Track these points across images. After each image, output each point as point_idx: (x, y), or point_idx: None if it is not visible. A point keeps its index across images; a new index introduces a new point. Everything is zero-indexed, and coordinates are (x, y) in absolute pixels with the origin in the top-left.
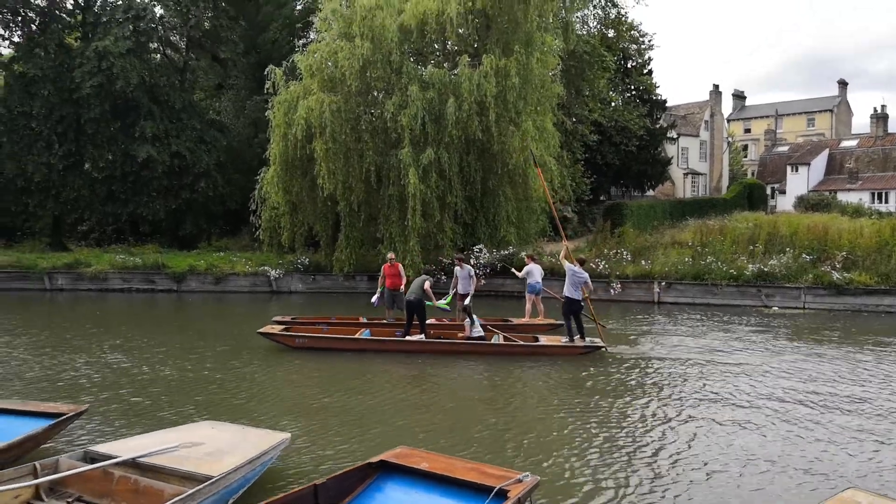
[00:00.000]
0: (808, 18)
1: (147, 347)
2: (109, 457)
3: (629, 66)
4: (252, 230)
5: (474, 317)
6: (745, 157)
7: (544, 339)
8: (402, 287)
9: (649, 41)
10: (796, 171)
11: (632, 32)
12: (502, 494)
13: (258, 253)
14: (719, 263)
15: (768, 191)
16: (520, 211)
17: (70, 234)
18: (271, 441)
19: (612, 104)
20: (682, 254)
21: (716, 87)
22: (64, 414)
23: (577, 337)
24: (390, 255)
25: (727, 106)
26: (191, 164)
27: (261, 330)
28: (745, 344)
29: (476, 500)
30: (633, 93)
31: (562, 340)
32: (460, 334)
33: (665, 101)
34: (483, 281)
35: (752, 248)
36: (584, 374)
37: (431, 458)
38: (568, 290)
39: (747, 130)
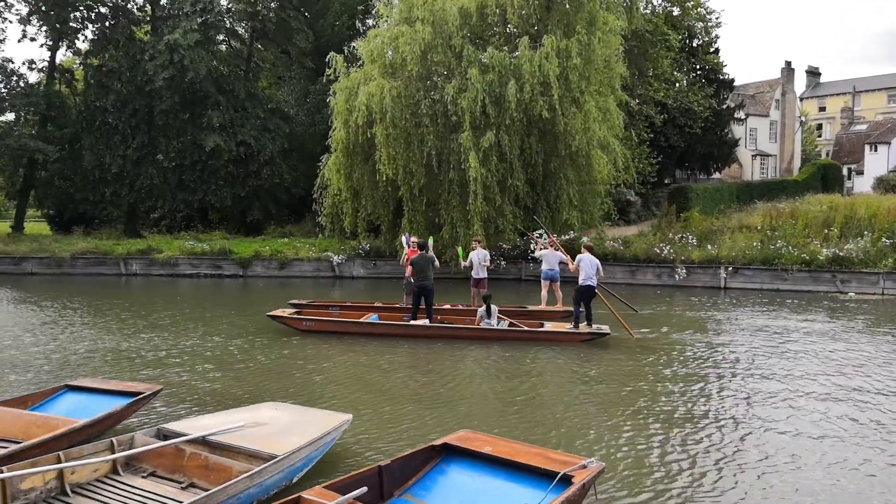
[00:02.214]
0: None
1: (219, 330)
2: (181, 434)
3: (695, 44)
4: (315, 216)
5: (494, 308)
6: (819, 136)
7: (549, 326)
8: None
9: (717, 18)
10: (875, 150)
11: (698, 10)
12: (566, 480)
13: (321, 239)
14: (790, 248)
15: (844, 172)
16: (583, 194)
17: (143, 222)
18: (334, 422)
19: (677, 84)
20: (751, 238)
21: (788, 63)
22: (141, 393)
23: (583, 324)
24: (413, 238)
25: (800, 83)
26: (256, 151)
27: (270, 313)
28: (818, 331)
29: (540, 485)
30: (699, 72)
31: (566, 327)
32: (467, 319)
33: (732, 80)
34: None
35: (826, 231)
36: (632, 359)
37: (495, 441)
38: (583, 278)
39: (822, 109)
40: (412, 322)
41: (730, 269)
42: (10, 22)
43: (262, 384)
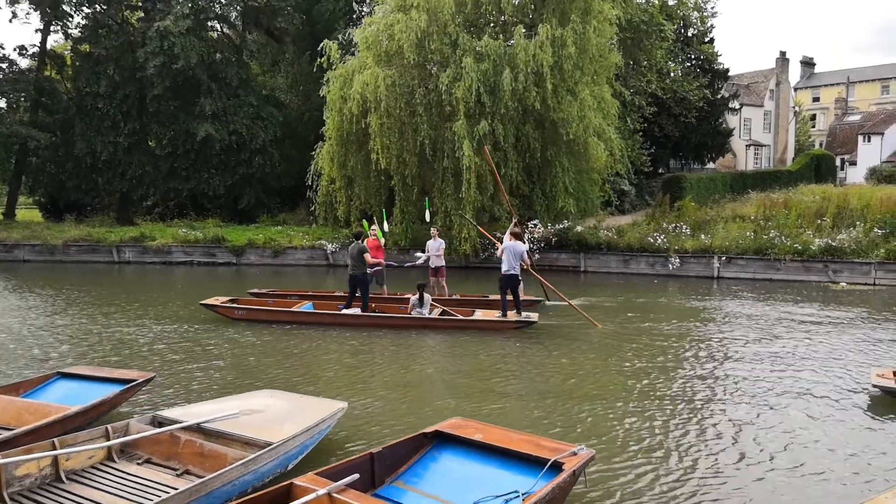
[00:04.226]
0: None
1: (213, 317)
2: (175, 421)
3: (689, 34)
4: (308, 205)
5: (426, 297)
6: (813, 127)
7: (480, 314)
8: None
9: (712, 8)
10: (868, 141)
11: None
12: (557, 467)
13: (315, 227)
14: (783, 238)
15: (837, 162)
16: (579, 182)
17: (136, 209)
18: (329, 409)
19: (671, 74)
20: (744, 228)
21: (782, 53)
22: (134, 380)
23: (512, 312)
24: (373, 227)
25: (794, 74)
26: (248, 140)
27: (203, 301)
28: (807, 320)
29: (530, 471)
30: (694, 62)
31: (496, 315)
32: (401, 307)
33: (727, 70)
34: (537, 255)
35: (819, 221)
36: (602, 348)
37: (486, 429)
38: (506, 268)
39: (816, 99)
40: (344, 311)
41: (723, 258)
42: (1, 8)
43: (257, 372)
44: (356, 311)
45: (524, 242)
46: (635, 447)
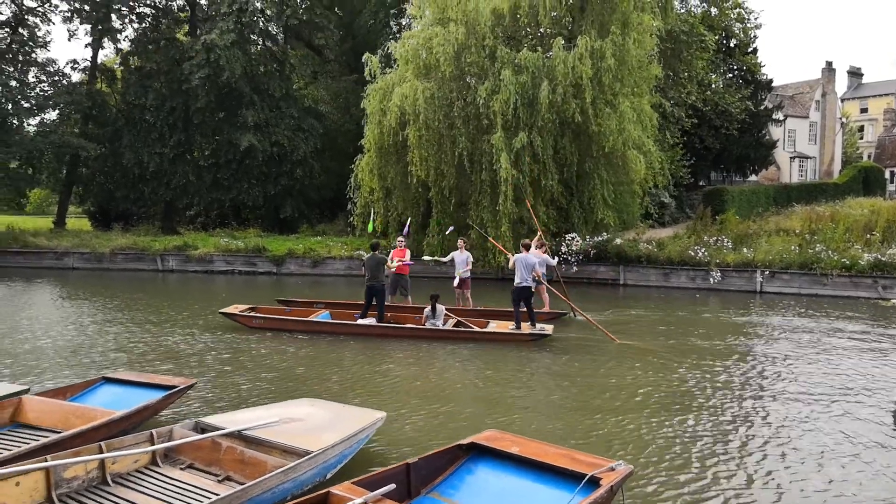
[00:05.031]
0: None
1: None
2: (217, 428)
3: (732, 45)
4: (347, 216)
5: (440, 308)
6: (861, 138)
7: (494, 325)
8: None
9: (755, 18)
10: None
11: (737, 10)
12: (594, 482)
13: (353, 237)
14: (830, 252)
15: (887, 175)
16: (619, 194)
17: (179, 219)
18: (368, 419)
19: (713, 86)
20: (788, 242)
21: (829, 64)
22: (176, 386)
23: (527, 324)
24: (399, 239)
25: (841, 84)
26: (289, 151)
27: (222, 310)
28: (854, 337)
29: (567, 486)
30: (736, 73)
31: (509, 327)
32: (415, 318)
33: (771, 81)
34: (575, 268)
35: (868, 236)
36: (631, 363)
37: (522, 442)
38: (518, 280)
39: (864, 110)
40: (359, 321)
41: (766, 273)
42: (54, 24)
43: (299, 381)
44: (371, 321)
45: (553, 257)
46: (677, 464)
